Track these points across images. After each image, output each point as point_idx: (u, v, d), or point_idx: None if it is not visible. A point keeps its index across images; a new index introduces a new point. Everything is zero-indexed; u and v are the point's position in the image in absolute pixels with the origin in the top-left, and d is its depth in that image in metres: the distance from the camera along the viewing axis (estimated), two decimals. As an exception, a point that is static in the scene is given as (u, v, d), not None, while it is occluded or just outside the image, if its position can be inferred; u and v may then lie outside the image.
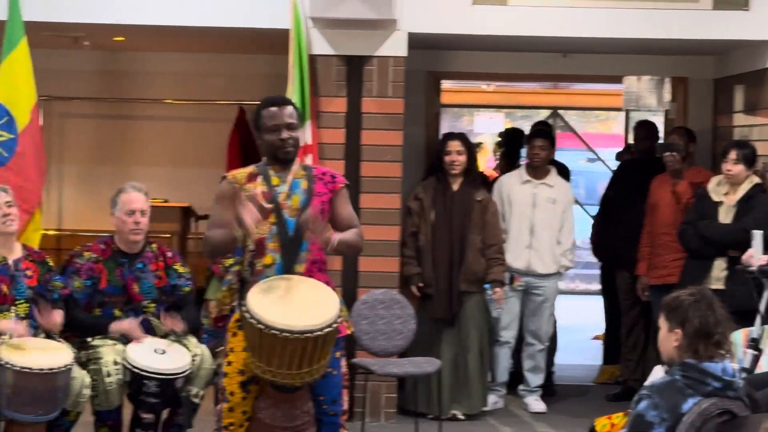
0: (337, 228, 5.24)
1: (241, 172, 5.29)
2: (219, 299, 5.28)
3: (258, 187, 5.18)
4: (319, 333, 4.82)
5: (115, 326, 6.34)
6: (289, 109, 5.27)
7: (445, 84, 10.12)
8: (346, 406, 5.34)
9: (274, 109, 5.23)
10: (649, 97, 10.45)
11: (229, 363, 5.15)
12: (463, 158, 7.80)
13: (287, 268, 5.11)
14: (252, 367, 5.00)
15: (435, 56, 8.89)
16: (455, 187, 7.84)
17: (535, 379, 8.31)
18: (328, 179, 5.30)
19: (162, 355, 6.20)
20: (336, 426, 5.24)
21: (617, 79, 10.40)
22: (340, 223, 5.27)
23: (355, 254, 5.41)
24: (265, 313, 4.84)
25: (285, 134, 5.20)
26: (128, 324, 6.33)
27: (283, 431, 5.07)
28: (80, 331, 6.39)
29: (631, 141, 9.95)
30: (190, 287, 6.58)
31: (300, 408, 5.10)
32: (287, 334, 4.79)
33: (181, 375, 6.17)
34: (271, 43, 8.04)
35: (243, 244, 5.19)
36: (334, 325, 4.89)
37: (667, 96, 9.80)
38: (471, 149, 7.96)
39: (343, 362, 5.30)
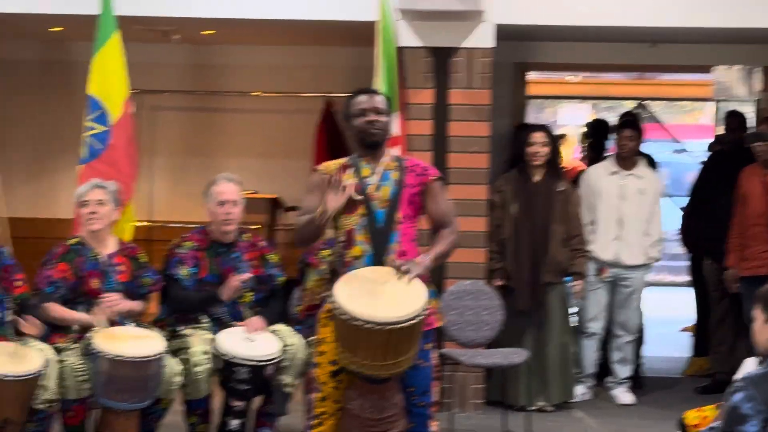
0: (431, 220, 5.25)
1: (333, 164, 5.31)
2: (310, 288, 5.33)
3: (349, 179, 5.19)
4: (403, 325, 4.81)
5: (228, 292, 6.41)
6: (379, 97, 5.31)
7: (530, 75, 10.08)
8: (436, 397, 5.32)
9: (362, 96, 5.28)
10: (739, 87, 10.33)
11: (321, 353, 5.16)
12: (546, 150, 7.78)
13: (376, 259, 5.11)
14: (340, 358, 5.02)
15: (522, 47, 8.86)
16: (537, 178, 7.82)
17: (623, 371, 8.26)
18: (420, 171, 5.27)
19: (252, 342, 6.28)
20: (425, 417, 5.23)
21: (706, 69, 10.28)
22: (432, 217, 5.26)
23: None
24: (350, 304, 4.86)
25: (372, 116, 5.19)
26: (235, 282, 6.41)
27: (372, 422, 5.07)
28: (191, 310, 6.47)
29: (721, 131, 9.83)
30: (284, 277, 6.66)
31: (389, 400, 5.08)
32: (371, 326, 4.80)
33: (271, 362, 6.24)
34: (358, 35, 8.06)
35: (335, 237, 5.22)
36: (419, 318, 4.87)
37: (758, 85, 9.68)
38: (554, 141, 7.93)
39: (434, 354, 5.29)
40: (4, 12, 7.67)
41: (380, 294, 4.92)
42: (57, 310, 6.16)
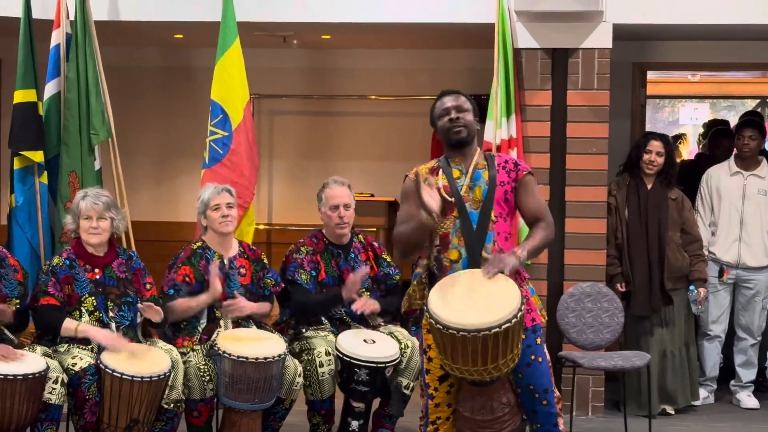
0: (525, 216, 5.14)
1: (423, 168, 5.22)
2: (409, 293, 5.18)
3: (440, 181, 5.10)
4: (497, 330, 4.71)
5: (349, 290, 6.47)
6: (460, 96, 5.20)
7: (649, 75, 9.96)
8: (558, 392, 5.16)
9: (446, 98, 5.21)
10: None
11: (430, 359, 5.09)
12: (662, 159, 7.68)
13: (473, 261, 5.01)
14: (443, 365, 4.96)
15: (640, 47, 8.78)
16: (649, 185, 7.72)
17: (747, 375, 8.13)
18: (511, 167, 5.16)
19: (372, 344, 6.33)
20: (552, 416, 5.10)
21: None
22: (526, 213, 5.14)
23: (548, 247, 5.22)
24: (442, 312, 4.79)
25: (454, 114, 5.12)
26: (354, 278, 6.46)
27: (484, 423, 4.98)
28: (315, 312, 6.55)
29: None
30: (400, 276, 6.70)
31: (498, 400, 4.98)
32: (464, 333, 4.71)
33: (390, 364, 6.28)
34: (475, 37, 8.07)
35: (431, 237, 5.11)
36: (513, 321, 4.74)
37: None
38: (671, 151, 7.80)
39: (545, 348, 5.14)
40: (128, 20, 7.84)
41: (473, 299, 4.83)
42: (180, 303, 6.26)
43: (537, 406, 5.09)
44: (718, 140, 9.25)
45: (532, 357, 5.04)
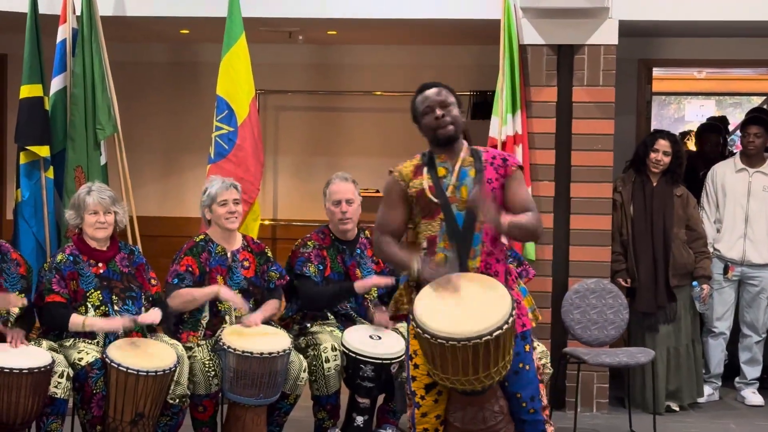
0: (513, 212, 4.84)
1: (407, 167, 5.00)
2: (395, 297, 5.00)
3: (425, 182, 4.91)
4: (488, 337, 4.53)
5: (360, 284, 6.52)
6: (441, 90, 4.97)
7: (655, 71, 9.96)
8: (545, 401, 5.00)
9: (428, 92, 4.97)
10: None
11: (416, 366, 4.89)
12: (668, 159, 7.67)
13: (460, 265, 4.80)
14: (432, 375, 4.79)
15: (646, 44, 8.77)
16: (654, 182, 7.72)
17: (752, 372, 8.13)
18: (499, 163, 4.93)
19: (377, 341, 6.35)
20: (540, 423, 4.94)
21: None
22: (514, 208, 4.86)
23: (532, 239, 5.00)
24: (429, 321, 4.61)
25: (439, 112, 4.88)
26: (374, 280, 6.52)
27: None
28: (325, 305, 6.57)
29: None
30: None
31: (490, 409, 4.84)
32: (454, 343, 4.52)
33: (396, 360, 6.29)
34: (480, 33, 8.07)
35: (418, 240, 4.97)
36: (505, 327, 4.56)
37: None
38: (678, 150, 7.79)
39: (535, 355, 5.00)
40: (135, 15, 7.85)
41: (461, 305, 4.65)
42: (183, 293, 6.27)
43: (524, 415, 4.93)
44: (706, 136, 9.29)
45: (520, 365, 4.87)
